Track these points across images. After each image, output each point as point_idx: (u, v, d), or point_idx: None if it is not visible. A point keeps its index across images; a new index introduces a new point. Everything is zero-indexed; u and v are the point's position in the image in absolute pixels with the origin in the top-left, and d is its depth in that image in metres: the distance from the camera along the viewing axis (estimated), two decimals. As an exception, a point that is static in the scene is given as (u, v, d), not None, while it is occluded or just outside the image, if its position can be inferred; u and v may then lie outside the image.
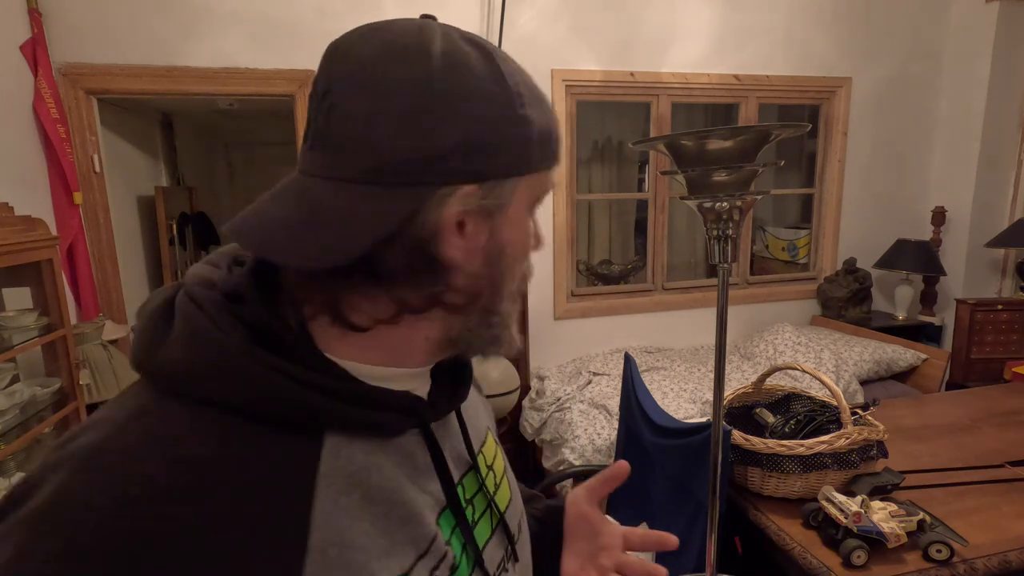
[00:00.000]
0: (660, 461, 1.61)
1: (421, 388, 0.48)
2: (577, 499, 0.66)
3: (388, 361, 0.44)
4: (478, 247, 0.42)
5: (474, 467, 0.52)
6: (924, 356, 2.87)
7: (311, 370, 0.39)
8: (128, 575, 0.32)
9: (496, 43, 2.71)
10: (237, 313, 0.40)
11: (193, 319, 0.39)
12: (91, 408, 1.98)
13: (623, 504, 1.80)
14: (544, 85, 2.85)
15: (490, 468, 0.55)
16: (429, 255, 0.40)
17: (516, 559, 0.54)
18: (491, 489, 0.54)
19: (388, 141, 0.38)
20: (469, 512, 0.49)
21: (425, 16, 0.42)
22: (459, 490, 0.48)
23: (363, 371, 0.43)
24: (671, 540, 0.63)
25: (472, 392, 0.58)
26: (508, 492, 0.57)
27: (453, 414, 0.52)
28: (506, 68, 0.41)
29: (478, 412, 0.59)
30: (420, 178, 0.39)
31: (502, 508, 0.54)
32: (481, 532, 0.50)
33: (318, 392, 0.39)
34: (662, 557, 1.54)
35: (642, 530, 0.64)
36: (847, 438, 1.29)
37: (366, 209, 0.38)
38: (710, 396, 2.51)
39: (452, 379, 0.51)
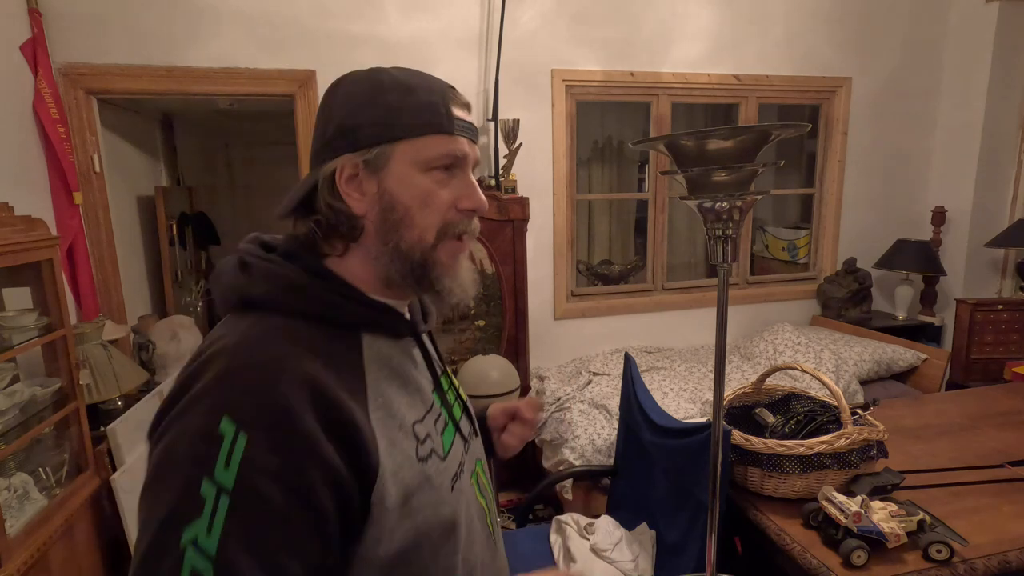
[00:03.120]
0: (660, 461, 1.61)
1: (406, 314, 0.72)
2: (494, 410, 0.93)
3: (379, 291, 0.65)
4: (371, 196, 0.62)
5: (444, 372, 0.77)
6: (924, 356, 2.87)
7: (343, 288, 0.62)
8: (286, 405, 0.51)
9: (496, 43, 2.71)
10: (293, 261, 0.62)
11: (261, 267, 0.61)
12: (91, 408, 1.98)
13: (623, 504, 1.80)
14: (544, 85, 2.86)
15: (451, 381, 0.79)
16: (337, 202, 0.62)
17: (476, 434, 0.79)
18: (457, 386, 0.79)
19: (314, 140, 0.66)
20: (451, 394, 0.74)
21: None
22: (443, 378, 0.74)
23: (376, 296, 0.65)
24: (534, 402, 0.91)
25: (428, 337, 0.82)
26: (463, 393, 0.82)
27: (425, 337, 0.75)
28: (383, 77, 0.63)
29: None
30: (323, 157, 0.63)
31: (464, 399, 0.79)
32: (456, 410, 0.74)
33: (355, 303, 0.62)
34: (662, 556, 1.54)
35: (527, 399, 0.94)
36: (847, 438, 1.29)
37: (307, 178, 0.64)
38: (710, 396, 2.50)
39: (421, 312, 0.76)
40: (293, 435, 0.50)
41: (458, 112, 0.64)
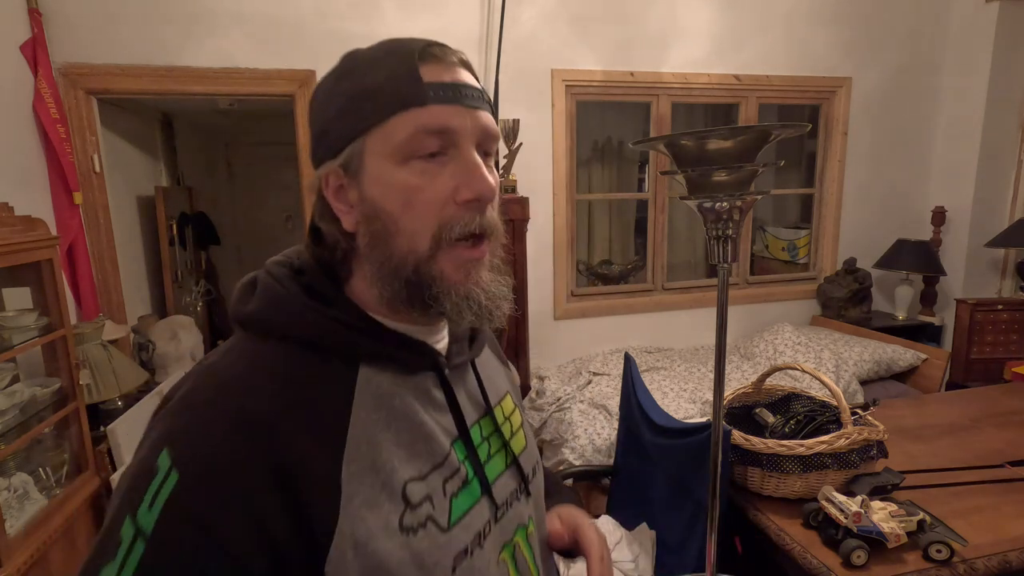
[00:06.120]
0: (660, 461, 1.61)
1: (439, 344, 0.60)
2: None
3: (392, 317, 0.56)
4: (354, 205, 0.54)
5: (489, 412, 0.63)
6: (924, 356, 2.87)
7: (345, 314, 0.53)
8: (227, 447, 0.45)
9: (496, 43, 2.71)
10: (299, 279, 0.55)
11: (265, 283, 0.55)
12: (91, 408, 1.98)
13: (623, 504, 1.80)
14: (544, 85, 2.86)
15: (507, 419, 0.66)
16: (330, 220, 0.55)
17: (528, 494, 0.64)
18: (507, 435, 0.64)
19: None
20: (484, 448, 0.60)
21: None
22: (475, 428, 0.60)
23: (389, 324, 0.56)
24: None
25: (495, 363, 0.71)
26: (523, 441, 0.67)
27: (471, 368, 0.63)
28: (352, 58, 0.54)
29: (498, 376, 0.70)
30: (315, 163, 0.56)
31: (516, 451, 0.64)
32: (494, 466, 0.60)
33: (349, 328, 0.53)
34: (662, 556, 1.54)
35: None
36: (847, 438, 1.29)
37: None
38: (710, 396, 2.50)
39: (469, 341, 0.64)
40: (224, 485, 0.44)
41: (434, 74, 0.50)
